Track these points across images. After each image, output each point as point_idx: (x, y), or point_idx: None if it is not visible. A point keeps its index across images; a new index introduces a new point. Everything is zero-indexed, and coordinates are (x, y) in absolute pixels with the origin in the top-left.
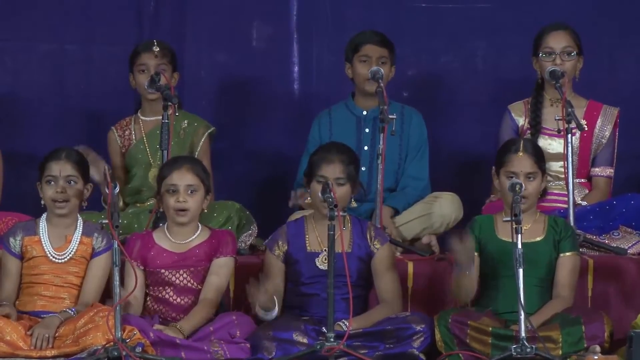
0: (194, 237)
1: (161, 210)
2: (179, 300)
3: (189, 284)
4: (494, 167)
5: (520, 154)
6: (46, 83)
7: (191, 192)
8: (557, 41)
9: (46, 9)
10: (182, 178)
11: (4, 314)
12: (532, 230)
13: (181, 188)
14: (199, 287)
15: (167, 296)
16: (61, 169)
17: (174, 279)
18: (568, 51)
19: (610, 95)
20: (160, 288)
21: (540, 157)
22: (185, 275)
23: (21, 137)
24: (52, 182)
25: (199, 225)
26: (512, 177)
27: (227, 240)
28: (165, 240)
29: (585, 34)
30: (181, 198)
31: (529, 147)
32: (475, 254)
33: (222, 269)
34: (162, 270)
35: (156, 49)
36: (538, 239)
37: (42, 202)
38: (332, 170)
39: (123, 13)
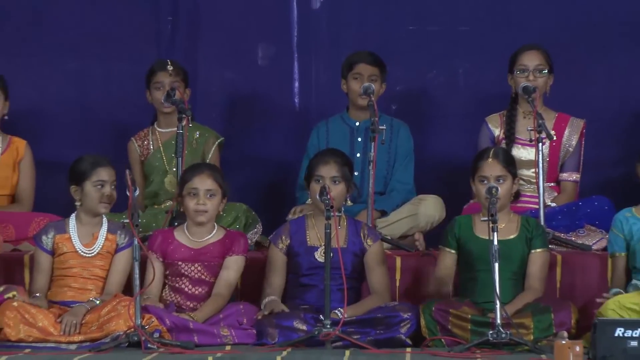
0: (209, 236)
1: (180, 210)
2: (193, 290)
3: (203, 276)
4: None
5: (490, 160)
6: (71, 97)
7: (210, 195)
8: (530, 60)
9: (70, 30)
10: (203, 183)
11: (35, 304)
12: (507, 229)
13: (201, 192)
14: (212, 279)
15: (182, 286)
16: (110, 174)
17: (189, 271)
18: (540, 69)
19: (577, 108)
20: (177, 279)
21: (509, 163)
22: (199, 268)
23: (49, 146)
24: (101, 186)
25: (215, 225)
26: (484, 181)
27: (239, 240)
28: (184, 237)
29: (556, 53)
30: (201, 201)
31: (498, 153)
32: (454, 251)
33: (233, 266)
34: (179, 263)
35: (170, 67)
36: (512, 236)
37: (78, 203)
38: (328, 170)
39: (141, 34)
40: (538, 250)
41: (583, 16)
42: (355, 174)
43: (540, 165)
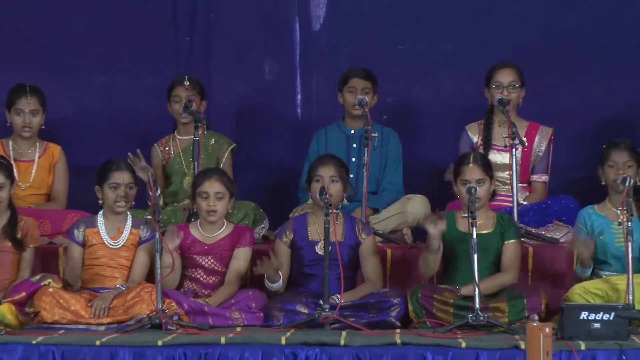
0: (220, 231)
1: (194, 209)
2: (207, 279)
3: (215, 267)
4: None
5: (471, 165)
6: (100, 108)
7: (219, 198)
8: (505, 76)
9: (100, 48)
10: (212, 186)
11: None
12: (484, 224)
13: (211, 194)
14: (224, 269)
15: (198, 276)
16: (124, 177)
17: (203, 262)
18: (513, 84)
19: (546, 118)
20: (193, 269)
21: (487, 167)
22: (212, 260)
23: (81, 151)
24: (115, 188)
25: (225, 221)
26: (465, 183)
27: (246, 234)
28: (198, 232)
29: (528, 68)
30: (211, 203)
31: (477, 159)
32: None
33: (241, 256)
34: (195, 256)
35: (187, 83)
36: (488, 231)
37: (100, 201)
38: (327, 170)
39: (163, 53)
40: (510, 241)
41: (553, 37)
42: (351, 176)
43: (514, 168)
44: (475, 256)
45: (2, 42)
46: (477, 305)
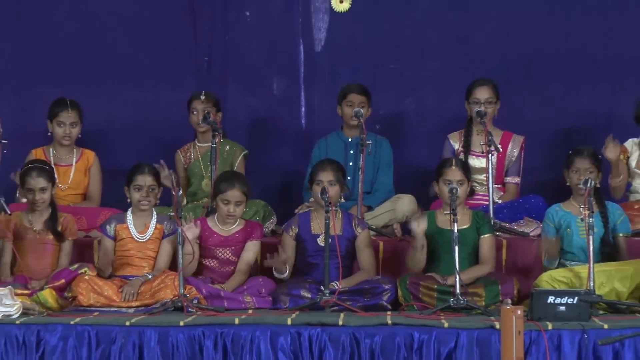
0: (234, 226)
1: (212, 206)
2: (222, 268)
3: (229, 258)
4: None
5: (453, 167)
6: (130, 118)
7: (238, 204)
8: (482, 93)
9: (130, 65)
10: (234, 196)
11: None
12: (462, 220)
13: (232, 202)
14: (236, 260)
15: (214, 265)
16: (146, 180)
17: (219, 254)
18: (489, 100)
19: (518, 127)
20: (210, 259)
21: (467, 170)
22: (227, 251)
23: (113, 156)
24: (139, 189)
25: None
26: (448, 184)
27: (257, 228)
28: (215, 226)
29: (503, 83)
30: (231, 209)
31: (458, 162)
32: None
33: (252, 248)
34: (211, 247)
35: (202, 97)
36: (466, 226)
37: (129, 200)
38: (327, 175)
39: (184, 70)
40: (486, 235)
41: (525, 56)
42: (348, 178)
43: (490, 171)
44: (456, 248)
45: (48, 61)
46: (458, 291)
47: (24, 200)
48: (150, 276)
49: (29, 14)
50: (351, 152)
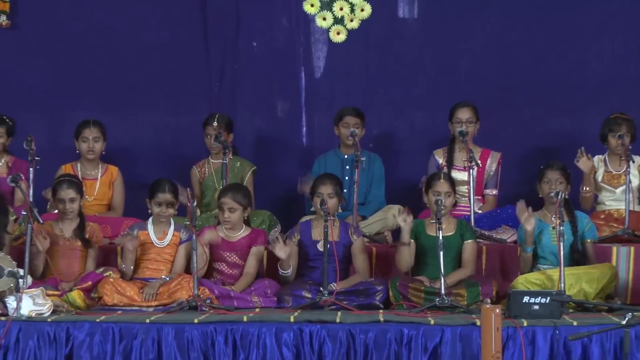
0: (240, 232)
1: None
2: (230, 271)
3: (236, 261)
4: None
5: (442, 180)
6: (149, 138)
7: (231, 211)
8: (463, 114)
9: (150, 90)
10: (226, 203)
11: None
12: (447, 228)
13: (225, 208)
14: (242, 263)
15: (223, 268)
16: (166, 197)
17: (227, 257)
18: (470, 120)
19: (496, 144)
20: (219, 263)
21: (453, 183)
22: (234, 255)
23: (134, 172)
24: (159, 205)
25: (244, 226)
26: (437, 195)
27: (261, 235)
28: (223, 233)
29: (483, 105)
30: (225, 215)
31: (446, 176)
32: (412, 241)
33: (257, 253)
34: (220, 252)
35: (215, 123)
36: (451, 233)
37: (150, 211)
38: (326, 188)
39: (199, 95)
40: (468, 241)
41: (502, 81)
42: (345, 191)
43: (471, 184)
44: (441, 253)
45: (77, 87)
46: (443, 291)
47: (55, 211)
48: (167, 278)
49: (60, 44)
50: (347, 167)
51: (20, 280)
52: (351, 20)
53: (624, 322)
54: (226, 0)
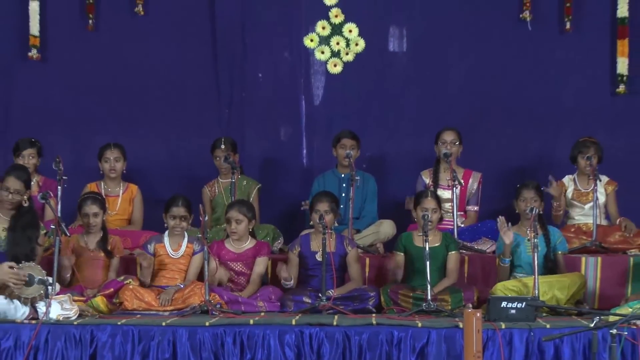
0: (246, 244)
1: None
2: (237, 279)
3: (243, 270)
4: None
5: (429, 198)
6: (165, 160)
7: (238, 223)
8: (448, 137)
9: (164, 114)
10: (233, 216)
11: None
12: (434, 240)
13: (232, 221)
14: (249, 272)
15: (231, 277)
16: (180, 211)
17: (234, 267)
18: (454, 142)
19: (477, 165)
20: (228, 271)
21: (439, 201)
22: (240, 265)
23: (152, 190)
24: (173, 218)
25: (249, 238)
26: (424, 211)
27: (265, 247)
28: (230, 245)
29: (465, 129)
30: (232, 227)
31: (433, 194)
32: (402, 253)
33: (262, 263)
34: (228, 262)
35: (222, 146)
36: (437, 245)
37: (165, 225)
38: (323, 205)
39: (209, 119)
40: (452, 252)
41: (483, 108)
42: (341, 206)
43: (454, 201)
44: (428, 263)
45: (99, 113)
46: (429, 297)
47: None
48: (182, 286)
49: (84, 76)
50: (344, 185)
51: (50, 288)
52: (347, 54)
53: (592, 325)
54: (234, 35)
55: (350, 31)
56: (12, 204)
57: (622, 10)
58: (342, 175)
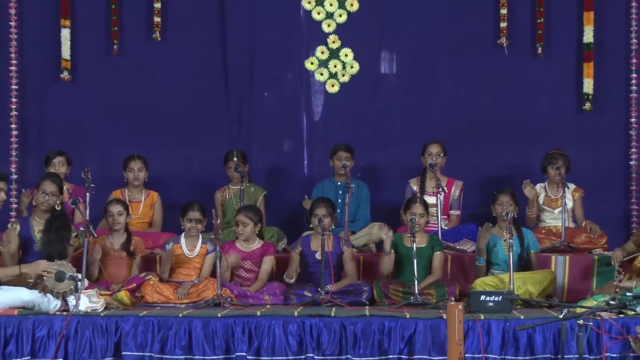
0: (254, 245)
1: None
2: (246, 275)
3: (251, 267)
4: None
5: (417, 204)
6: (181, 169)
7: (245, 225)
8: (434, 149)
9: (179, 130)
10: (240, 220)
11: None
12: (421, 241)
13: (240, 223)
14: (257, 269)
15: (240, 273)
16: (195, 215)
17: (244, 264)
18: (439, 154)
19: (459, 174)
20: (237, 269)
21: (426, 206)
22: (249, 263)
23: (170, 196)
24: (189, 222)
25: (257, 239)
26: (412, 215)
27: (270, 247)
28: (240, 245)
29: (450, 141)
30: (239, 228)
31: (421, 200)
32: (392, 251)
33: (268, 262)
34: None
35: (235, 159)
36: (423, 245)
37: (182, 228)
38: (321, 210)
39: (220, 134)
40: (437, 252)
41: (465, 123)
42: (338, 211)
43: (439, 206)
44: (415, 261)
45: (122, 127)
46: (416, 291)
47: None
48: (196, 281)
49: (110, 94)
50: (340, 192)
51: (79, 283)
52: (343, 75)
53: (561, 316)
54: (243, 59)
55: (346, 55)
56: (48, 205)
57: (588, 37)
58: (339, 183)
